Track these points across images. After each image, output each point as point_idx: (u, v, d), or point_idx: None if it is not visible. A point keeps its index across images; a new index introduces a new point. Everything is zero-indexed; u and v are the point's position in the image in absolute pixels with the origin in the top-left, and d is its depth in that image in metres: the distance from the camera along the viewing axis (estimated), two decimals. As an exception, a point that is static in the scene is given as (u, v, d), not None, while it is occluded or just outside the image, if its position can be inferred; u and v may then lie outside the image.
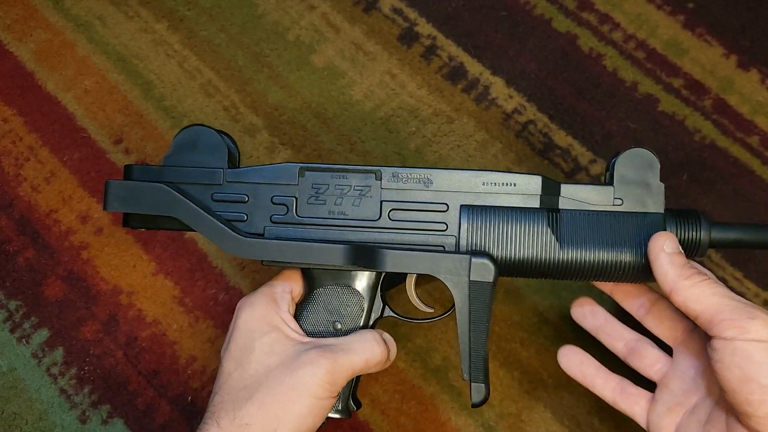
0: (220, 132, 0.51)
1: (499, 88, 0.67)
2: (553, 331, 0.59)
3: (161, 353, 0.62)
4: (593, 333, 0.52)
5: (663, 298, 0.50)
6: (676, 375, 0.47)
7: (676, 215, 0.48)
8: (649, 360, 0.49)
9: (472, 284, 0.46)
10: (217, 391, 0.46)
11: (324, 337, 0.49)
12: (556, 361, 0.53)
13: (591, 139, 0.65)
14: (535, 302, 0.60)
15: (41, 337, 0.63)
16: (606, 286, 0.52)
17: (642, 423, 0.48)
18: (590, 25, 0.68)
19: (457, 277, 0.46)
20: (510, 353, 0.59)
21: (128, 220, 0.52)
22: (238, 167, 0.51)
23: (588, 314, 0.52)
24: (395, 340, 0.60)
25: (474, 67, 0.68)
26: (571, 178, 0.64)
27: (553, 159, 0.64)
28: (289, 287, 0.50)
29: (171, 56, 0.70)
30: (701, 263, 0.55)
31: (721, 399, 0.44)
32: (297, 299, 0.51)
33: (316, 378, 0.44)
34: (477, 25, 0.69)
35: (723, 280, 0.60)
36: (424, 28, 0.70)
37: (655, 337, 0.51)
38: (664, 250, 0.44)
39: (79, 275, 0.64)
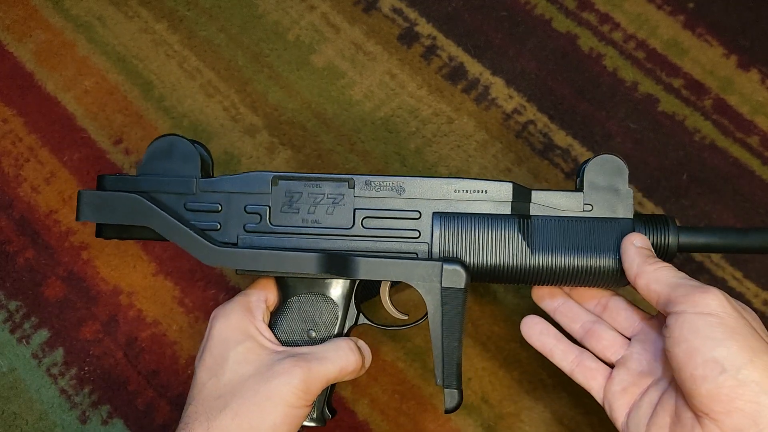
0: (193, 141, 0.51)
1: (499, 88, 0.67)
2: (553, 331, 0.59)
3: (161, 353, 0.62)
4: (551, 314, 0.52)
5: (618, 295, 0.51)
6: (633, 358, 0.48)
7: (645, 220, 0.48)
8: (606, 342, 0.50)
9: (444, 290, 0.47)
10: (190, 401, 0.46)
11: (298, 345, 0.49)
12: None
13: (591, 139, 0.65)
14: (535, 302, 0.60)
15: (41, 337, 0.63)
16: (564, 288, 0.52)
17: (598, 399, 0.49)
18: (590, 25, 0.68)
19: (430, 284, 0.47)
20: (510, 353, 0.59)
21: (101, 231, 0.51)
22: (212, 176, 0.52)
23: (546, 295, 0.52)
24: (394, 341, 0.60)
25: (474, 67, 0.68)
26: (571, 178, 0.64)
27: (553, 159, 0.64)
28: (264, 296, 0.50)
29: (171, 56, 0.70)
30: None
31: (673, 381, 0.44)
32: (272, 308, 0.51)
33: (291, 387, 0.44)
34: (477, 25, 0.69)
35: (723, 280, 0.60)
36: (424, 28, 0.70)
37: None
38: (634, 244, 0.46)
39: (79, 276, 0.64)
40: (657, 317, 0.49)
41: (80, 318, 0.63)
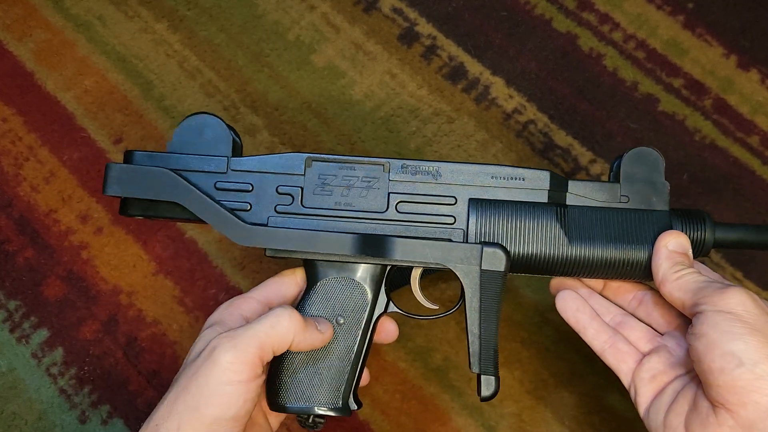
0: (227, 125, 0.50)
1: (499, 88, 0.67)
2: (554, 331, 0.59)
3: (161, 353, 0.61)
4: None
5: (653, 290, 0.51)
6: (666, 349, 0.48)
7: (681, 214, 0.48)
8: (638, 333, 0.49)
9: (483, 273, 0.46)
10: None
11: None
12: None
13: (591, 139, 0.65)
14: (536, 302, 0.60)
15: (41, 337, 0.63)
16: (597, 284, 0.52)
17: (625, 382, 0.48)
18: (590, 25, 0.68)
19: (468, 266, 0.46)
20: (511, 353, 0.59)
21: (126, 207, 0.49)
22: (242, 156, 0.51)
23: (568, 287, 0.51)
24: (395, 341, 0.60)
25: (474, 67, 0.68)
26: (571, 178, 0.64)
27: (554, 159, 0.64)
28: (264, 294, 0.49)
29: (171, 56, 0.70)
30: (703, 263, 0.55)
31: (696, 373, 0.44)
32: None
33: (215, 362, 0.42)
34: (477, 25, 0.69)
35: (723, 280, 0.60)
36: (425, 28, 0.70)
37: None
38: (666, 247, 0.46)
39: (79, 275, 0.64)
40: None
41: (80, 317, 0.63)
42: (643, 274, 0.47)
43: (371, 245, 0.47)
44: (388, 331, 0.52)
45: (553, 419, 0.57)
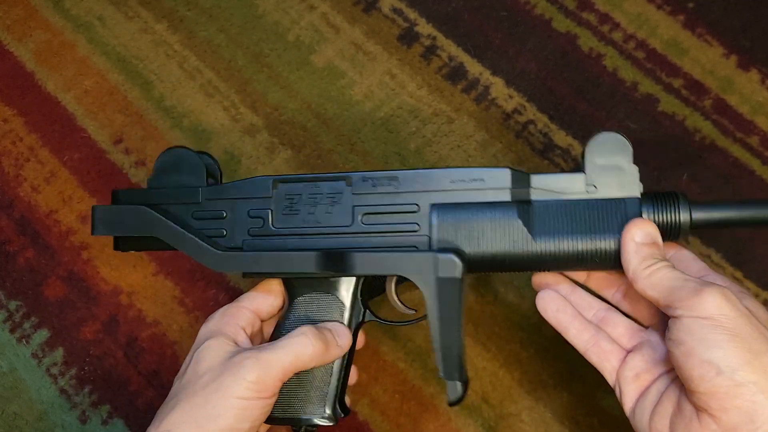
0: (199, 152, 0.53)
1: (499, 88, 0.67)
2: (554, 331, 0.59)
3: (162, 353, 0.62)
4: None
5: None
6: (649, 346, 0.47)
7: (653, 198, 0.46)
8: (621, 329, 0.49)
9: (439, 281, 0.46)
10: None
11: None
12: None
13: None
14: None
15: (41, 337, 0.63)
16: (581, 276, 0.51)
17: (610, 381, 0.48)
18: (590, 25, 0.68)
19: (425, 275, 0.46)
20: (510, 353, 0.59)
21: (118, 243, 0.53)
22: (220, 182, 0.53)
23: (551, 283, 0.51)
24: (395, 341, 0.60)
25: (474, 67, 0.68)
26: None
27: (553, 159, 0.64)
28: (254, 304, 0.50)
29: (171, 56, 0.71)
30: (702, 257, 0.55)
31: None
32: (266, 317, 0.51)
33: (239, 378, 0.44)
34: (477, 25, 0.69)
35: (723, 280, 0.60)
36: (424, 28, 0.70)
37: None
38: (633, 240, 0.44)
39: (80, 275, 0.64)
40: None
41: (80, 318, 0.63)
42: (616, 265, 0.46)
43: (333, 261, 0.48)
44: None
45: (552, 420, 0.57)
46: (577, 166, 0.48)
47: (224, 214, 0.51)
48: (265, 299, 0.51)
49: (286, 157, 0.66)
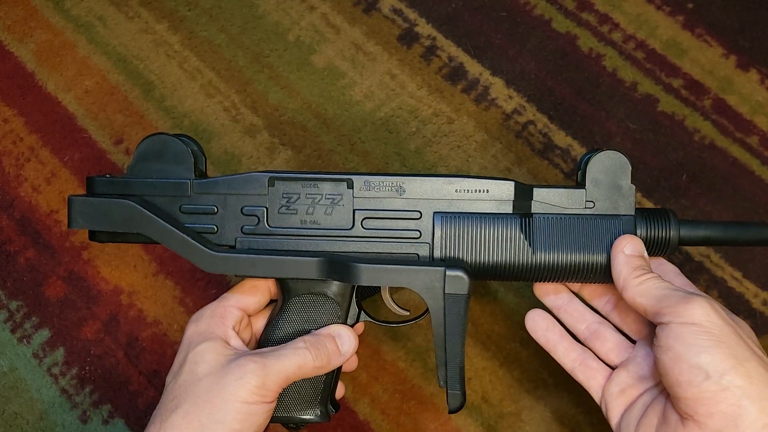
0: (184, 139, 0.50)
1: (498, 88, 0.67)
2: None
3: (162, 353, 0.62)
4: (555, 312, 0.53)
5: None
6: (635, 361, 0.48)
7: (647, 215, 0.48)
8: (610, 344, 0.50)
9: (447, 297, 0.46)
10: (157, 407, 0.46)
11: None
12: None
13: (591, 139, 0.65)
14: (536, 302, 0.60)
15: (42, 337, 0.63)
16: (574, 285, 0.53)
17: (596, 398, 0.49)
18: (590, 25, 0.68)
19: (433, 291, 0.46)
20: (510, 353, 0.59)
21: (95, 235, 0.50)
22: (205, 174, 0.50)
23: (550, 292, 0.52)
24: (395, 341, 0.60)
25: (474, 68, 0.68)
26: (571, 178, 0.64)
27: (553, 159, 0.64)
28: (242, 302, 0.50)
29: (171, 57, 0.71)
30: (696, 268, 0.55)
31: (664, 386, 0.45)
32: (254, 313, 0.51)
33: (243, 382, 0.44)
34: (477, 26, 0.69)
35: (722, 280, 0.60)
36: (424, 28, 0.70)
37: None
38: (623, 252, 0.46)
39: (80, 275, 0.64)
40: None
41: (81, 318, 0.63)
42: (609, 277, 0.48)
43: (337, 269, 0.47)
44: (349, 362, 0.53)
45: (552, 419, 0.57)
46: (578, 183, 0.49)
47: (215, 210, 0.49)
48: (252, 297, 0.50)
49: (287, 157, 0.66)
